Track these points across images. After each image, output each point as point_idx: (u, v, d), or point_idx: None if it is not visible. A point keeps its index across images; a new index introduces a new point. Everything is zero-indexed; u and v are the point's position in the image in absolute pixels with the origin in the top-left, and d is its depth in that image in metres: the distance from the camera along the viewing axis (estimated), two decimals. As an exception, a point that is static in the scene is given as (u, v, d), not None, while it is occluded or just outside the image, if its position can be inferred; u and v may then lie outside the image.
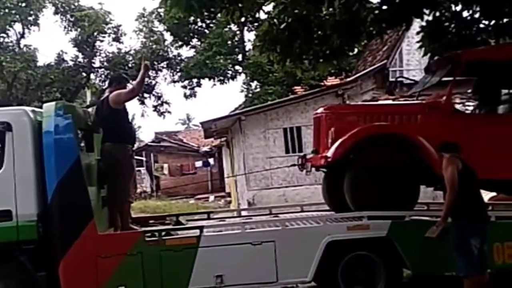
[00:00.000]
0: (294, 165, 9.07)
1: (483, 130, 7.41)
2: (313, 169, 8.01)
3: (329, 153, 7.23)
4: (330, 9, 9.52)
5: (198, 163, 36.81)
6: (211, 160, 36.03)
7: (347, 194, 7.30)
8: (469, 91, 9.30)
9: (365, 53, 21.75)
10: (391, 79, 18.18)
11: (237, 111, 22.23)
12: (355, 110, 8.10)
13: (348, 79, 20.11)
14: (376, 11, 9.27)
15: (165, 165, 38.44)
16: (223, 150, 30.44)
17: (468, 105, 11.13)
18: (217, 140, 29.27)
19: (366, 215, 7.02)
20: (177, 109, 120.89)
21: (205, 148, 37.48)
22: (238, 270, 6.78)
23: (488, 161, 7.21)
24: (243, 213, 10.01)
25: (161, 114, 34.66)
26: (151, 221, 8.57)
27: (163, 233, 7.00)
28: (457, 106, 9.44)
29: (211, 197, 30.44)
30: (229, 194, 26.46)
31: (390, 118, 7.57)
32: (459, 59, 7.75)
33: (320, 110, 8.04)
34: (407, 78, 13.24)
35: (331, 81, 22.81)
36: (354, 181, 7.23)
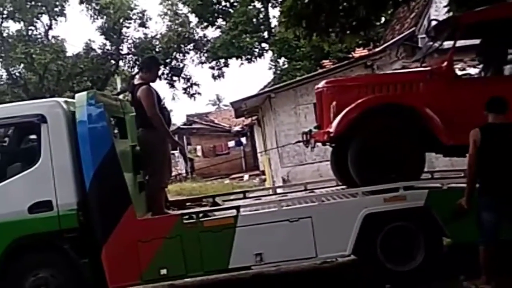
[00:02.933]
0: (299, 141, 8.95)
1: (487, 93, 7.19)
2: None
3: (332, 128, 7.13)
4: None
5: (231, 143, 36.97)
6: (243, 139, 36.12)
7: (351, 168, 7.23)
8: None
9: (393, 21, 21.37)
10: (420, 46, 17.86)
11: (266, 89, 22.17)
12: (356, 83, 7.90)
13: (377, 49, 19.83)
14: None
15: (198, 147, 38.68)
16: (255, 129, 30.46)
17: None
18: (248, 119, 29.30)
19: (402, 186, 6.97)
20: (206, 91, 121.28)
21: (237, 128, 37.58)
22: (277, 248, 6.81)
23: None
24: (279, 190, 10.03)
25: (191, 96, 34.88)
26: (188, 204, 8.65)
27: (201, 215, 7.07)
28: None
29: (246, 176, 30.54)
30: (263, 172, 26.50)
31: (391, 88, 7.43)
32: (458, 22, 7.57)
33: (321, 84, 7.89)
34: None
35: (359, 52, 22.52)
36: (357, 154, 7.13)
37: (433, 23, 8.22)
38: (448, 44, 7.72)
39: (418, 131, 7.10)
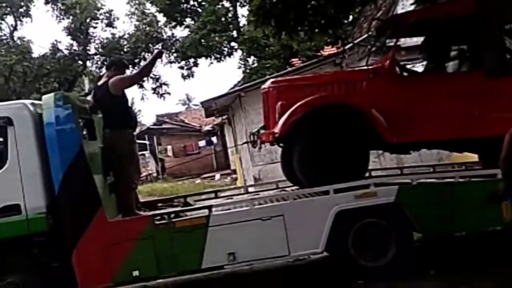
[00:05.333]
0: (246, 142, 8.94)
1: (429, 90, 7.31)
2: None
3: (276, 129, 7.15)
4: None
5: (202, 143, 36.87)
6: (214, 139, 36.07)
7: (296, 168, 7.28)
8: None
9: (360, 20, 21.56)
10: (387, 44, 18.01)
11: (236, 88, 22.14)
12: (301, 82, 7.91)
13: (345, 47, 19.95)
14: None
15: (169, 147, 38.51)
16: (225, 128, 30.42)
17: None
18: (218, 118, 29.23)
19: (373, 183, 7.03)
20: (176, 90, 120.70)
21: (207, 127, 37.52)
22: (250, 246, 6.82)
23: (439, 122, 7.22)
24: (250, 189, 10.02)
25: (160, 96, 34.60)
26: (159, 204, 8.60)
27: (172, 215, 7.03)
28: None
29: (217, 176, 30.52)
30: (234, 171, 26.50)
31: (336, 88, 7.47)
32: (400, 20, 7.66)
33: (267, 84, 7.88)
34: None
35: (328, 50, 22.63)
36: (302, 154, 7.18)
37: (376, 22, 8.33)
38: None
39: (362, 130, 7.14)
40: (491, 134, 7.19)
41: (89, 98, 8.02)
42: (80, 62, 32.67)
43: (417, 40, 8.74)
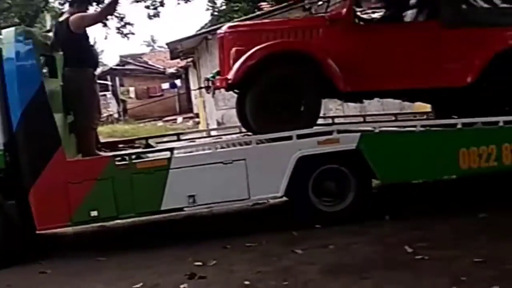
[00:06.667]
0: (200, 87, 8.82)
1: (385, 40, 7.30)
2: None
3: (230, 75, 7.06)
4: None
5: (165, 85, 36.42)
6: (178, 82, 35.65)
7: (249, 115, 7.25)
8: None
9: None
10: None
11: (203, 30, 21.79)
12: (257, 28, 7.79)
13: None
14: None
15: (131, 89, 37.98)
16: (190, 71, 30.08)
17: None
18: (183, 61, 28.83)
19: (336, 129, 7.07)
20: (141, 31, 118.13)
21: (172, 70, 36.98)
22: (210, 189, 6.83)
23: (393, 71, 7.25)
24: (213, 133, 10.02)
25: (124, 35, 33.73)
26: (120, 145, 8.53)
27: (133, 156, 6.97)
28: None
29: (180, 119, 30.36)
30: (197, 115, 26.36)
31: (292, 34, 7.37)
32: None
33: (223, 29, 7.75)
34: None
35: (297, -5, 22.34)
36: (255, 101, 7.12)
37: None
38: None
39: (316, 77, 7.11)
40: (443, 84, 7.30)
41: (50, 34, 7.78)
42: (42, -2, 31.58)
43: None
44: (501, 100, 7.37)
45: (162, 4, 31.78)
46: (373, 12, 8.62)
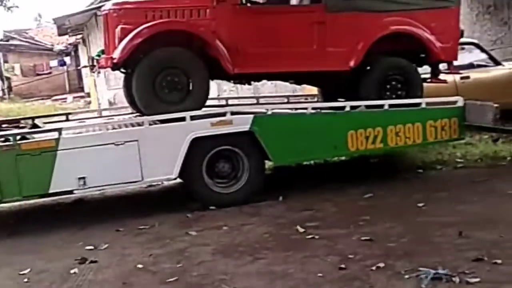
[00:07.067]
0: (85, 66, 8.63)
1: (271, 21, 7.41)
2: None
3: (115, 54, 6.91)
4: None
5: (53, 63, 35.03)
6: (67, 59, 34.35)
7: (135, 95, 7.16)
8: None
9: None
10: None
11: (93, 6, 21.05)
12: (144, 6, 7.54)
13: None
14: None
15: (17, 65, 36.18)
16: (80, 48, 29.03)
17: None
18: (72, 38, 27.79)
19: (230, 111, 7.09)
20: (26, 5, 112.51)
21: (60, 46, 35.58)
22: (102, 171, 6.64)
23: (279, 54, 7.37)
24: (104, 113, 9.74)
25: (8, 9, 32.02)
26: (4, 125, 8.10)
27: (18, 137, 6.63)
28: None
29: (69, 98, 29.32)
30: (88, 94, 25.55)
31: (179, 14, 7.29)
32: None
33: (107, 6, 7.52)
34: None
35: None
36: (141, 82, 7.01)
37: None
38: None
39: (203, 58, 7.11)
40: (328, 68, 7.52)
41: None
42: None
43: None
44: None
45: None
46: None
